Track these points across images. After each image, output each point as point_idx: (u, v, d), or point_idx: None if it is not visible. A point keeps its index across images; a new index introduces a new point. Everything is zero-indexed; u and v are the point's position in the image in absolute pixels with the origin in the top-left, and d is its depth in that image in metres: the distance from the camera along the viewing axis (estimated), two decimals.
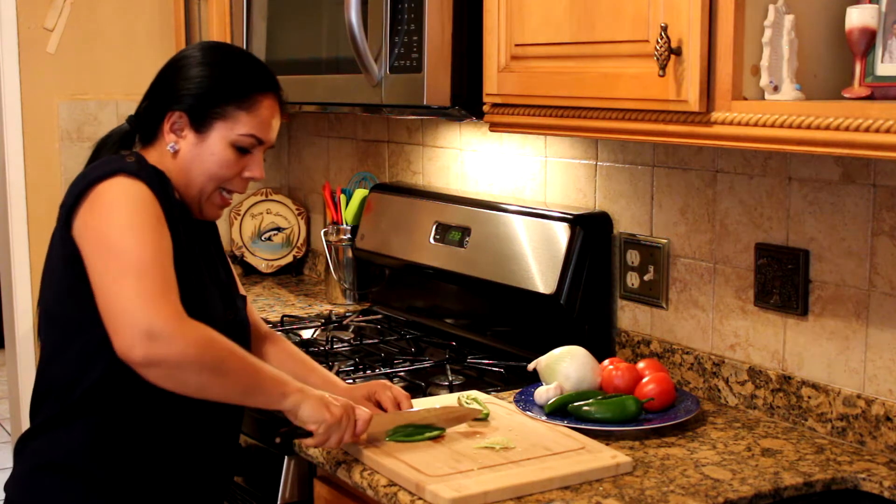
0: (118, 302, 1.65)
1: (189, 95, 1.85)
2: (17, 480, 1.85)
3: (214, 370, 1.69)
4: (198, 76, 1.86)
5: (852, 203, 1.95)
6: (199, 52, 1.90)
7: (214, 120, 1.85)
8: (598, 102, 1.93)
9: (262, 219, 3.65)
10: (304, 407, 1.78)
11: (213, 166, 1.86)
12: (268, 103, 1.89)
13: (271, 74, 1.93)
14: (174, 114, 1.85)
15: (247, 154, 1.88)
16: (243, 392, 1.76)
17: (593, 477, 1.78)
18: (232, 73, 1.88)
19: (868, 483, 1.82)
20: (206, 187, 1.87)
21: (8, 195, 3.41)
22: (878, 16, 1.62)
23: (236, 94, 1.85)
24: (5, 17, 3.35)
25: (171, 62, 1.92)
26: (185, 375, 1.67)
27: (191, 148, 1.86)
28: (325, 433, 1.80)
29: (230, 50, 1.96)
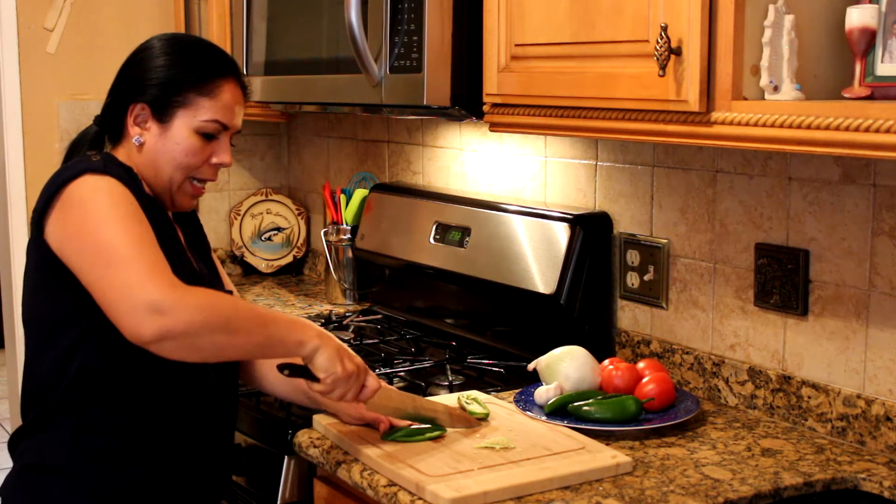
0: (114, 289, 1.65)
1: (149, 86, 1.85)
2: (9, 480, 1.86)
3: (225, 329, 1.67)
4: (156, 66, 1.86)
5: (852, 203, 1.95)
6: (157, 42, 1.90)
7: (176, 108, 1.84)
8: (597, 102, 1.93)
9: (262, 219, 3.65)
10: (320, 354, 1.77)
11: (179, 155, 1.85)
12: (228, 87, 1.88)
13: (230, 59, 1.93)
14: (136, 106, 1.85)
15: (213, 140, 1.88)
16: (260, 344, 1.74)
17: (593, 477, 1.78)
18: (190, 60, 1.87)
19: (868, 483, 1.82)
20: (175, 177, 1.87)
21: (8, 195, 3.41)
22: (878, 16, 1.62)
23: (195, 80, 1.85)
24: (5, 17, 3.34)
25: (130, 56, 1.92)
26: (198, 342, 1.65)
27: (156, 139, 1.86)
28: (332, 385, 1.79)
29: (187, 39, 1.96)
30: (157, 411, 1.81)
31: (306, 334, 1.77)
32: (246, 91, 1.94)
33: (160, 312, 1.61)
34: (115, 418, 1.78)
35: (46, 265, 1.75)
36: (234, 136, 1.92)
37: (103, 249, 1.67)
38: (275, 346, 1.76)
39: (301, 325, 1.78)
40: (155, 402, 1.79)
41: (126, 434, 1.79)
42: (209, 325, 1.65)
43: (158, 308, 1.61)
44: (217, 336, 1.67)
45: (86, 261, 1.69)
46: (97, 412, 1.78)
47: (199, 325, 1.64)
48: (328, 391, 1.80)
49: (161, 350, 1.65)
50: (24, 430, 1.84)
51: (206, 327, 1.65)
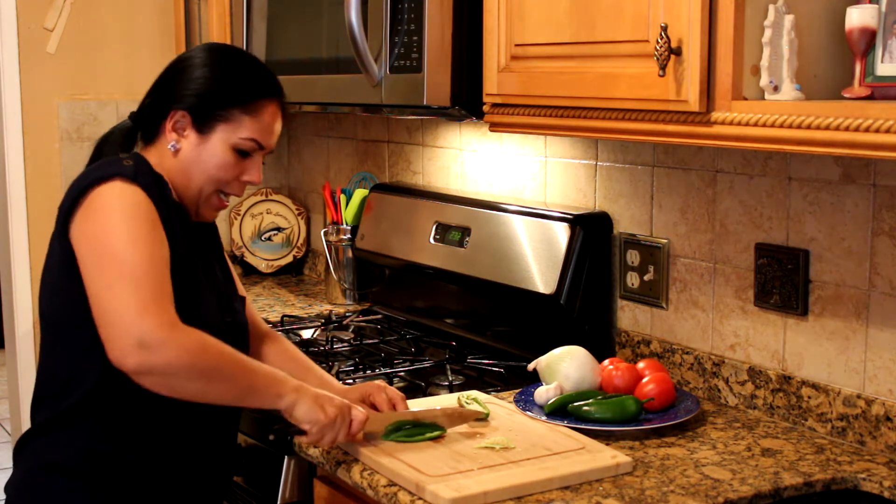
0: (111, 310, 1.66)
1: (193, 95, 1.85)
2: (16, 481, 1.85)
3: (208, 376, 1.70)
4: (203, 77, 1.86)
5: (852, 203, 1.95)
6: (204, 53, 1.90)
7: (217, 122, 1.85)
8: (597, 102, 1.93)
9: (262, 219, 3.65)
10: (299, 406, 1.79)
11: (212, 168, 1.86)
12: (271, 109, 1.89)
13: (276, 80, 1.93)
14: (177, 113, 1.85)
15: (246, 158, 1.88)
16: (238, 395, 1.77)
17: (593, 477, 1.78)
18: (238, 76, 1.88)
19: (868, 483, 1.82)
20: (205, 189, 1.88)
21: (8, 195, 3.41)
22: (878, 16, 1.62)
23: (241, 97, 1.85)
24: (5, 17, 3.34)
25: (175, 62, 1.92)
26: (178, 382, 1.68)
27: (192, 148, 1.86)
28: (319, 433, 1.80)
29: (236, 53, 1.97)
30: (168, 414, 1.81)
31: (284, 388, 1.79)
32: (286, 113, 1.94)
33: (147, 348, 1.63)
34: (130, 421, 1.79)
35: (69, 265, 1.75)
36: (266, 155, 1.93)
37: (113, 262, 1.68)
38: (255, 397, 1.78)
39: (279, 379, 1.80)
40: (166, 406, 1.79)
41: (140, 437, 1.80)
42: (193, 369, 1.67)
43: (146, 344, 1.63)
44: (198, 382, 1.69)
45: (95, 268, 1.70)
46: (114, 415, 1.78)
47: (182, 368, 1.66)
48: (317, 439, 1.82)
49: (140, 381, 1.67)
50: (37, 430, 1.84)
51: (189, 371, 1.67)
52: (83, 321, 1.74)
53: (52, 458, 1.80)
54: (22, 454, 1.86)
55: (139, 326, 1.64)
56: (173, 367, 1.65)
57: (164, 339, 1.64)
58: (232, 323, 1.92)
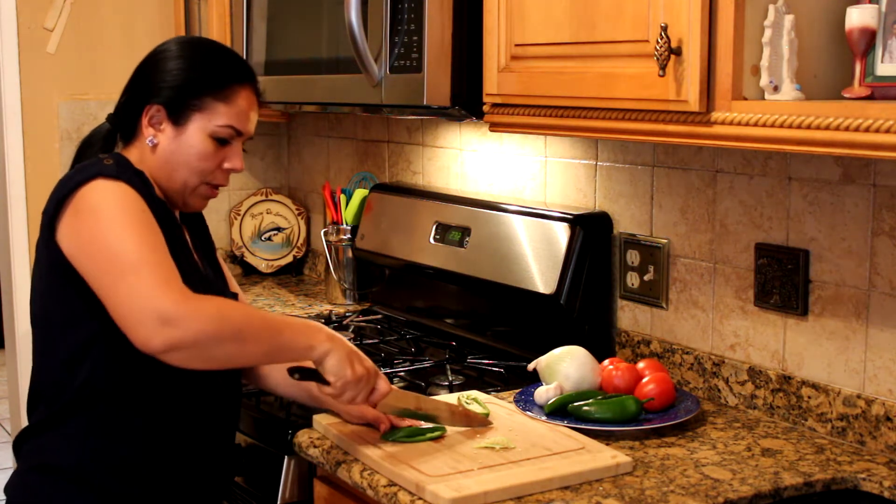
0: (125, 299, 1.65)
1: (166, 88, 1.85)
2: (14, 481, 1.86)
3: (236, 338, 1.68)
4: (174, 69, 1.86)
5: (852, 203, 1.95)
6: (175, 45, 1.90)
7: (192, 112, 1.85)
8: (597, 102, 1.93)
9: (262, 219, 3.65)
10: (331, 356, 1.78)
11: (192, 158, 1.86)
12: (245, 94, 1.89)
13: (248, 66, 1.93)
14: (152, 107, 1.85)
15: (226, 145, 1.88)
16: (270, 351, 1.75)
17: (593, 477, 1.78)
18: (208, 64, 1.88)
19: (868, 483, 1.82)
20: (190, 181, 1.87)
21: (8, 195, 3.40)
22: (878, 16, 1.62)
23: (213, 85, 1.85)
24: (5, 17, 3.34)
25: (147, 57, 1.92)
26: (208, 352, 1.66)
27: (169, 141, 1.86)
28: (342, 388, 1.80)
29: (206, 43, 1.97)
30: (163, 412, 1.81)
31: (317, 338, 1.77)
32: (260, 98, 1.94)
33: (170, 324, 1.62)
34: (124, 420, 1.79)
35: (57, 267, 1.75)
36: (246, 141, 1.92)
37: (115, 258, 1.67)
38: (285, 351, 1.77)
39: (311, 329, 1.79)
40: (162, 404, 1.79)
41: (134, 436, 1.80)
42: (219, 334, 1.66)
43: (168, 319, 1.62)
44: (227, 345, 1.68)
45: (97, 268, 1.69)
46: (107, 414, 1.78)
47: (209, 335, 1.64)
48: (338, 395, 1.81)
49: (171, 359, 1.65)
50: (31, 430, 1.84)
51: (216, 337, 1.65)
52: (73, 322, 1.75)
53: (45, 459, 1.80)
54: (19, 454, 1.87)
55: (156, 305, 1.62)
56: (200, 337, 1.63)
57: (185, 312, 1.63)
58: None
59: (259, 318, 1.73)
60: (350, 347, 1.81)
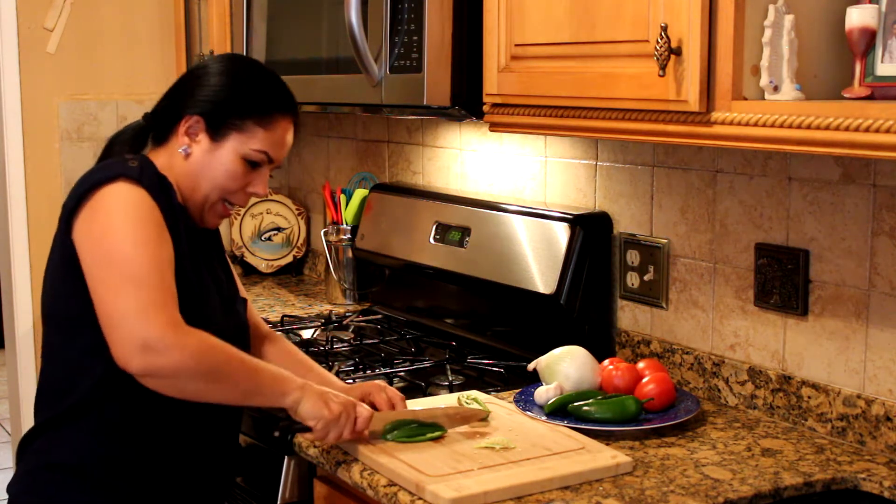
0: (115, 312, 1.67)
1: (210, 102, 1.86)
2: (19, 480, 1.86)
3: (212, 377, 1.71)
4: (220, 84, 1.87)
5: (852, 203, 1.95)
6: (224, 61, 1.92)
7: (231, 130, 1.85)
8: (597, 102, 1.93)
9: (262, 219, 3.65)
10: (304, 403, 1.80)
11: (221, 176, 1.86)
12: (285, 123, 1.90)
13: (293, 97, 1.94)
14: (192, 117, 1.86)
15: (255, 169, 1.89)
16: (243, 395, 1.78)
17: (593, 477, 1.78)
18: (257, 87, 1.89)
19: (868, 483, 1.82)
20: (211, 196, 1.88)
21: (8, 195, 3.41)
22: (878, 16, 1.62)
23: (258, 109, 1.86)
24: (5, 17, 3.34)
25: (193, 69, 1.94)
26: (182, 384, 1.69)
27: (203, 154, 1.86)
28: (324, 429, 1.81)
29: (256, 65, 1.98)
30: (170, 413, 1.81)
31: (288, 386, 1.80)
32: (297, 131, 1.95)
33: (151, 351, 1.64)
34: (132, 420, 1.79)
35: (72, 263, 1.75)
36: (274, 168, 1.93)
37: (117, 266, 1.68)
38: (259, 396, 1.79)
39: (284, 378, 1.81)
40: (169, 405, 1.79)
41: (140, 436, 1.80)
42: (197, 370, 1.68)
43: (151, 346, 1.64)
44: (203, 383, 1.70)
45: (98, 272, 1.70)
46: (117, 414, 1.78)
47: (187, 370, 1.67)
48: (323, 436, 1.83)
49: (145, 382, 1.68)
50: (39, 428, 1.84)
51: (194, 373, 1.68)
52: (84, 320, 1.74)
53: (54, 457, 1.81)
54: (24, 453, 1.87)
55: (143, 329, 1.64)
56: (178, 368, 1.66)
57: (169, 342, 1.65)
58: (235, 324, 1.93)
59: (238, 361, 1.75)
60: (321, 390, 1.83)
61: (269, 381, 1.79)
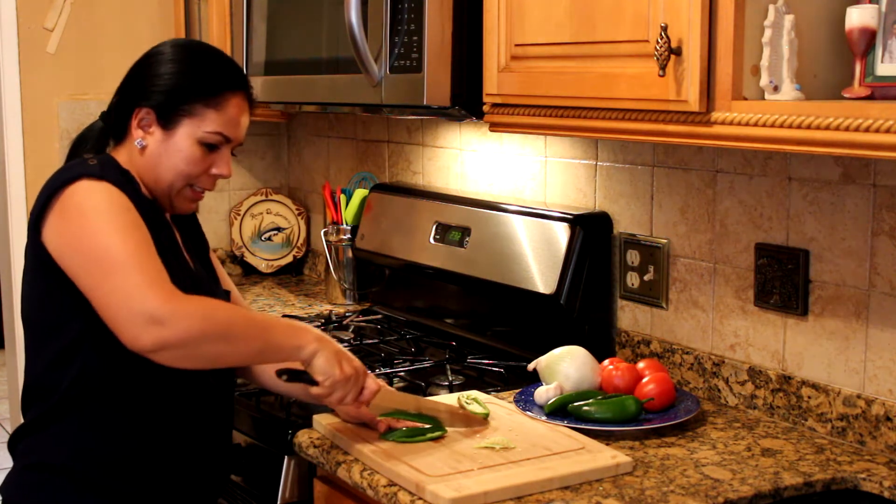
0: (112, 301, 1.66)
1: (157, 92, 1.85)
2: (10, 479, 1.86)
3: (223, 338, 1.69)
4: (166, 73, 1.86)
5: (852, 203, 1.95)
6: (169, 48, 1.90)
7: (182, 117, 1.85)
8: (598, 102, 1.93)
9: (262, 219, 3.65)
10: (319, 356, 1.79)
11: (180, 163, 1.86)
12: (236, 101, 1.88)
13: (241, 72, 1.93)
14: (142, 110, 1.86)
15: (214, 151, 1.88)
16: (258, 351, 1.76)
17: (593, 477, 1.78)
18: (201, 70, 1.87)
19: (868, 483, 1.82)
20: (175, 183, 1.87)
21: (8, 195, 3.41)
22: (878, 16, 1.62)
23: (204, 91, 1.85)
24: (5, 17, 3.34)
25: (140, 59, 1.92)
26: (197, 350, 1.67)
27: (158, 144, 1.86)
28: (331, 387, 1.81)
29: (200, 47, 1.96)
30: (155, 410, 1.81)
31: (304, 338, 1.78)
32: (253, 104, 1.94)
33: (158, 323, 1.63)
34: (116, 417, 1.79)
35: (43, 267, 1.76)
36: (235, 147, 1.92)
37: (102, 257, 1.68)
38: (273, 351, 1.78)
39: (299, 329, 1.80)
40: (154, 402, 1.80)
41: (126, 433, 1.80)
42: (207, 334, 1.67)
43: (156, 318, 1.63)
44: (215, 345, 1.69)
45: (84, 268, 1.70)
46: (98, 411, 1.78)
47: (197, 334, 1.65)
48: (327, 394, 1.81)
49: (159, 358, 1.66)
50: (25, 429, 1.85)
51: (204, 337, 1.66)
52: (60, 320, 1.75)
53: (41, 457, 1.81)
54: (14, 452, 1.87)
55: (143, 305, 1.63)
56: (188, 336, 1.64)
57: (172, 311, 1.63)
58: None
59: (246, 318, 1.74)
60: (337, 347, 1.82)
61: (283, 333, 1.77)
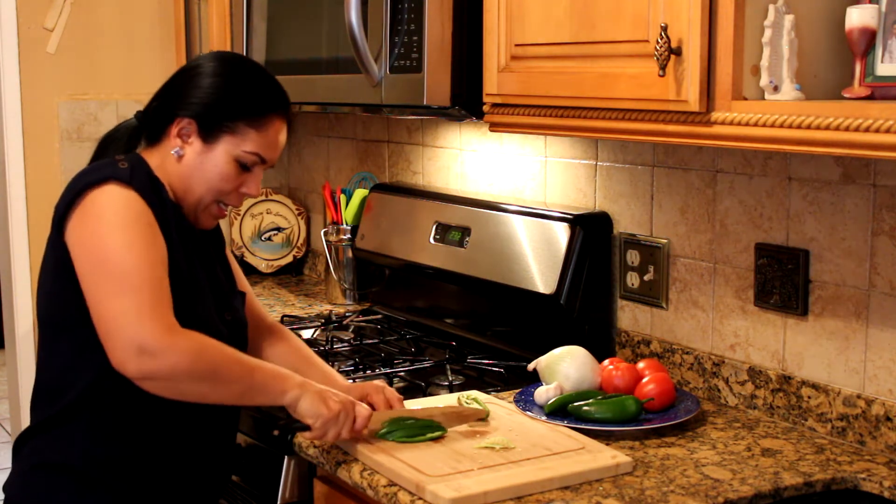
0: (111, 317, 1.67)
1: (202, 104, 1.85)
2: (15, 479, 1.86)
3: (209, 378, 1.71)
4: (212, 86, 1.86)
5: (852, 203, 1.95)
6: (215, 61, 1.90)
7: (223, 133, 1.85)
8: (597, 102, 1.93)
9: (262, 219, 3.65)
10: (302, 401, 1.80)
11: (213, 178, 1.86)
12: (278, 125, 1.89)
13: (285, 95, 1.93)
14: (184, 119, 1.85)
15: (247, 170, 1.88)
16: (241, 394, 1.78)
17: (593, 477, 1.78)
18: (248, 88, 1.88)
19: (868, 483, 1.82)
20: (205, 198, 1.88)
21: (8, 195, 3.41)
22: (878, 16, 1.62)
23: (250, 111, 1.85)
24: (5, 17, 3.34)
25: (185, 68, 1.93)
26: (179, 386, 1.70)
27: (195, 156, 1.86)
28: (322, 427, 1.81)
29: (248, 64, 1.96)
30: (164, 413, 1.81)
31: (287, 384, 1.80)
32: (291, 128, 1.95)
33: (149, 354, 1.65)
34: (125, 419, 1.79)
35: (64, 267, 1.75)
36: (267, 168, 1.93)
37: (112, 272, 1.69)
38: (257, 395, 1.80)
39: (283, 376, 1.81)
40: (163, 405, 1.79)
41: (135, 436, 1.80)
42: (194, 373, 1.69)
43: (148, 350, 1.65)
44: (200, 384, 1.71)
45: (92, 278, 1.71)
46: (109, 413, 1.79)
47: (183, 371, 1.67)
48: (321, 434, 1.83)
49: (142, 386, 1.69)
50: (34, 429, 1.84)
51: (190, 375, 1.68)
52: (78, 321, 1.75)
53: (49, 457, 1.81)
54: (20, 452, 1.87)
55: (138, 333, 1.64)
56: (174, 371, 1.66)
57: (164, 345, 1.65)
58: (231, 321, 1.93)
59: (235, 363, 1.75)
60: (320, 388, 1.83)
61: (266, 379, 1.79)
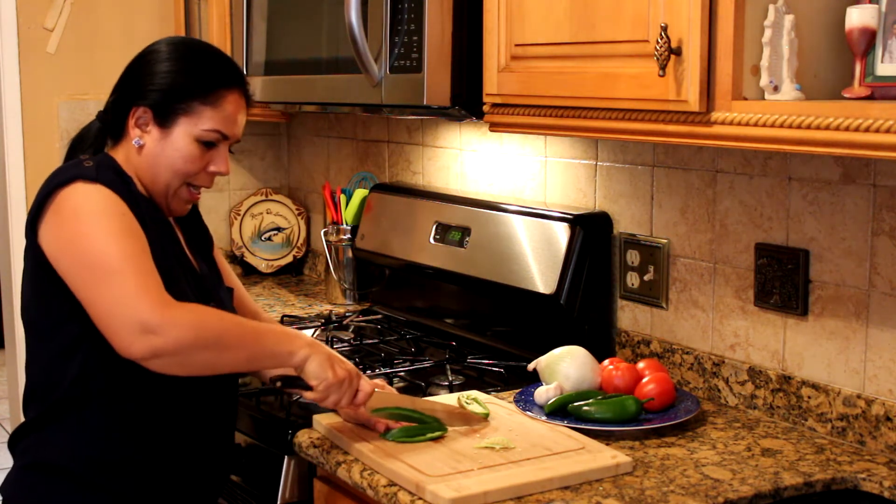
0: (106, 307, 1.67)
1: (153, 91, 1.85)
2: (9, 478, 1.86)
3: (215, 346, 1.70)
4: (162, 71, 1.86)
5: (852, 203, 1.95)
6: (165, 46, 1.90)
7: (178, 115, 1.84)
8: (597, 102, 1.93)
9: (262, 219, 3.65)
10: (311, 361, 1.80)
11: (177, 161, 1.86)
12: (232, 98, 1.88)
13: (237, 69, 1.92)
14: (138, 109, 1.85)
15: (212, 148, 1.88)
16: (250, 359, 1.77)
17: (593, 477, 1.78)
18: (197, 68, 1.87)
19: (868, 483, 1.82)
20: (172, 182, 1.87)
21: (8, 195, 3.41)
22: (878, 16, 1.62)
23: (200, 89, 1.85)
24: (5, 17, 3.34)
25: (136, 57, 1.92)
26: (189, 359, 1.68)
27: (155, 144, 1.86)
28: (325, 391, 1.81)
29: (196, 45, 1.96)
30: (155, 411, 1.81)
31: (296, 344, 1.80)
32: (249, 101, 1.94)
33: (151, 332, 1.64)
34: (115, 418, 1.79)
35: (41, 269, 1.76)
36: (233, 144, 1.92)
37: (96, 263, 1.68)
38: (266, 358, 1.79)
39: (290, 336, 1.81)
40: (153, 402, 1.80)
41: (126, 433, 1.80)
42: (199, 342, 1.68)
43: (149, 327, 1.64)
44: (207, 353, 1.70)
45: (79, 274, 1.70)
46: (98, 412, 1.78)
47: (189, 343, 1.66)
48: (322, 398, 1.83)
49: (151, 366, 1.67)
50: (25, 429, 1.85)
51: (196, 345, 1.67)
52: (58, 321, 1.76)
53: (41, 456, 1.81)
54: (14, 452, 1.88)
55: (136, 313, 1.64)
56: (179, 344, 1.65)
57: (164, 320, 1.64)
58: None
59: (238, 326, 1.75)
60: (329, 351, 1.83)
61: (274, 340, 1.78)
